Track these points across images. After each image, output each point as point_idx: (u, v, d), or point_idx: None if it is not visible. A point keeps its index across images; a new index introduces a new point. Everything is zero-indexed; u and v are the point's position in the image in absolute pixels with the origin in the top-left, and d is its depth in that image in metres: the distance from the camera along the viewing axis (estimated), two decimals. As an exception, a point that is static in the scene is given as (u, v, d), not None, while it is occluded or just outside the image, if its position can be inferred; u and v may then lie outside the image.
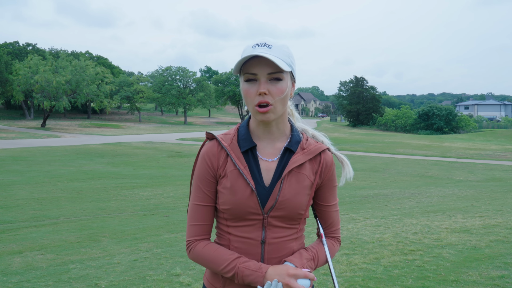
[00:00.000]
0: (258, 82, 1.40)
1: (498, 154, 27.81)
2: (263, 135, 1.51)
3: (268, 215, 1.46)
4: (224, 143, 1.50)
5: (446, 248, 5.59)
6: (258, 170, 1.49)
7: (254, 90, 1.41)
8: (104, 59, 77.53)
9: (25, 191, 11.78)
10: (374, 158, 24.36)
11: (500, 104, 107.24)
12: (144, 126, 56.52)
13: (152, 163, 20.49)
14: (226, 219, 1.50)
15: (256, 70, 1.39)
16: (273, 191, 1.46)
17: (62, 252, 5.90)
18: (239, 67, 1.42)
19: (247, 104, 1.45)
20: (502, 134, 47.45)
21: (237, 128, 1.56)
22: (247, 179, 1.44)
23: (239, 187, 1.45)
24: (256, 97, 1.40)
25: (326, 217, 1.63)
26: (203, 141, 1.57)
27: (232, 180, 1.46)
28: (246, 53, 1.40)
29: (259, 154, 1.51)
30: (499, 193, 11.89)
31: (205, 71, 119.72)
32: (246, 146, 1.49)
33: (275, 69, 1.39)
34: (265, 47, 1.40)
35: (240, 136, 1.52)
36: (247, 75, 1.41)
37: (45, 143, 29.87)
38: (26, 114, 59.20)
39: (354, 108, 75.59)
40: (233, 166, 1.47)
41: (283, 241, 1.50)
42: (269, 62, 1.38)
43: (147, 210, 9.42)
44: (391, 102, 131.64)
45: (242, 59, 1.39)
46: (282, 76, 1.41)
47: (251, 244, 1.48)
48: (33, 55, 48.97)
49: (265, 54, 1.36)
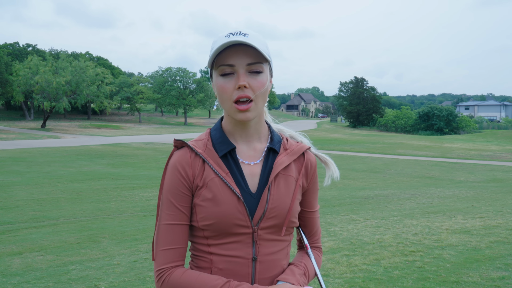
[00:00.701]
0: (235, 75, 1.24)
1: (498, 155, 27.80)
2: (241, 137, 1.35)
3: (258, 227, 1.28)
4: (197, 149, 1.31)
5: (446, 249, 5.58)
6: (242, 175, 1.31)
7: (231, 84, 1.24)
8: (104, 60, 77.57)
9: (25, 192, 11.77)
10: (374, 159, 24.35)
11: (501, 105, 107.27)
12: (144, 127, 56.53)
13: (152, 164, 20.48)
14: (206, 238, 1.30)
15: (233, 60, 1.23)
16: (261, 198, 1.29)
17: (61, 253, 5.89)
18: (213, 59, 1.26)
19: (223, 101, 1.28)
20: (503, 134, 47.42)
21: (208, 133, 1.39)
22: (231, 186, 1.27)
23: (223, 197, 1.26)
24: (234, 92, 1.24)
25: (310, 225, 1.47)
26: (171, 151, 1.35)
27: (214, 190, 1.27)
28: (220, 43, 1.23)
29: (239, 157, 1.34)
30: (500, 194, 11.87)
31: (206, 71, 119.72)
32: (224, 149, 1.31)
33: (255, 59, 1.24)
34: (240, 35, 1.23)
35: (215, 139, 1.34)
36: (223, 67, 1.24)
37: (45, 144, 29.87)
38: (26, 115, 59.22)
39: (354, 108, 75.59)
40: (213, 173, 1.28)
41: (276, 258, 1.33)
42: (248, 51, 1.24)
43: (147, 211, 9.41)
44: (391, 103, 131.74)
45: (218, 49, 1.22)
46: (263, 68, 1.26)
47: (240, 264, 1.28)
48: (33, 56, 48.99)
49: (245, 40, 1.21)
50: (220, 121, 1.41)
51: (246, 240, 1.28)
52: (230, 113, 1.30)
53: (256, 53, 1.25)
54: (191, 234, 1.35)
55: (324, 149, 2.35)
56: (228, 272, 1.28)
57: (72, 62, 49.51)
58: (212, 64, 1.29)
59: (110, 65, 78.50)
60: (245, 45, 1.24)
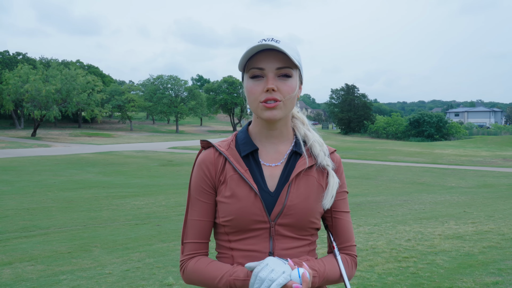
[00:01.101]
0: (265, 78, 1.29)
1: (488, 161, 28.01)
2: (266, 138, 1.39)
3: (276, 222, 1.31)
4: (221, 148, 1.38)
5: (439, 255, 5.59)
6: (261, 175, 1.36)
7: (260, 87, 1.29)
8: (95, 68, 77.36)
9: (15, 201, 11.65)
10: (366, 165, 24.43)
11: (490, 111, 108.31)
12: (135, 135, 56.33)
13: (144, 172, 20.38)
14: (227, 234, 1.35)
15: (263, 64, 1.28)
16: (280, 196, 1.32)
17: (52, 263, 5.82)
18: (244, 62, 1.32)
19: (251, 103, 1.32)
20: (492, 140, 47.88)
21: (235, 135, 1.45)
22: (249, 182, 1.31)
23: (241, 193, 1.31)
24: (262, 94, 1.29)
25: (338, 226, 1.43)
26: (198, 151, 1.44)
27: (232, 186, 1.32)
28: (251, 47, 1.29)
29: (260, 159, 1.38)
30: (491, 199, 11.95)
31: (197, 79, 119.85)
32: (247, 150, 1.37)
33: (284, 63, 1.29)
34: (272, 41, 1.27)
35: (240, 140, 1.41)
36: (253, 70, 1.29)
37: (36, 153, 29.64)
38: (16, 124, 58.80)
39: (345, 115, 75.91)
40: (233, 170, 1.34)
41: (293, 253, 1.33)
42: (278, 56, 1.29)
43: (139, 220, 9.34)
44: (382, 110, 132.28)
45: (249, 51, 1.28)
46: (292, 73, 1.31)
47: (258, 258, 1.30)
48: (24, 64, 48.73)
49: (276, 45, 1.25)
50: (247, 125, 1.47)
51: (263, 235, 1.32)
52: (257, 112, 1.33)
53: (286, 58, 1.30)
54: (215, 232, 1.43)
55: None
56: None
57: (62, 70, 49.30)
58: (244, 67, 1.35)
59: (101, 73, 78.29)
60: (276, 50, 1.29)
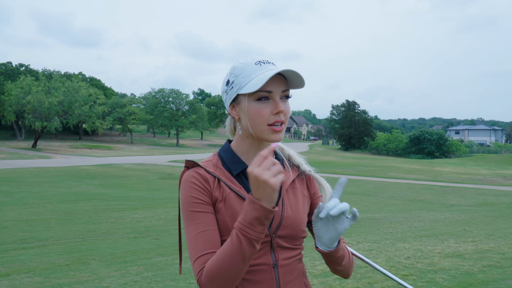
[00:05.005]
0: (271, 100, 1.32)
1: (489, 179, 27.98)
2: (253, 157, 1.40)
3: (276, 235, 1.36)
4: (209, 169, 1.38)
5: (439, 273, 5.57)
6: None
7: (268, 109, 1.32)
8: (97, 81, 77.74)
9: (14, 212, 11.62)
10: (366, 182, 24.39)
11: (490, 129, 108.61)
12: (136, 148, 56.35)
13: (144, 185, 20.36)
14: None
15: (272, 88, 1.31)
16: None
17: (50, 275, 5.79)
18: (259, 87, 1.29)
19: (258, 125, 1.33)
20: (493, 159, 47.88)
21: (216, 155, 1.45)
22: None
23: (241, 209, 1.27)
24: (270, 117, 1.32)
25: None
26: (182, 172, 1.40)
27: (232, 204, 1.33)
28: (257, 70, 1.33)
29: None
30: (491, 217, 11.91)
31: (198, 93, 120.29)
32: (238, 168, 1.40)
33: (286, 86, 1.35)
34: (271, 64, 1.36)
35: (227, 160, 1.42)
36: (261, 93, 1.31)
37: (36, 164, 29.63)
38: (17, 135, 58.88)
39: (346, 131, 76.04)
40: (228, 189, 1.35)
41: (293, 262, 1.40)
42: (282, 78, 1.34)
43: (137, 233, 9.31)
44: (382, 126, 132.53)
45: (262, 79, 1.28)
46: (290, 94, 1.38)
47: (264, 271, 1.34)
48: (26, 75, 48.97)
49: (291, 69, 1.30)
50: (229, 143, 1.48)
51: (265, 248, 1.35)
52: (262, 135, 1.35)
53: (286, 80, 1.36)
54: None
55: (315, 172, 2.38)
56: (255, 280, 1.33)
57: (65, 82, 49.55)
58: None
59: (103, 85, 78.62)
60: (279, 73, 1.34)
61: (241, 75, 1.34)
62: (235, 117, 1.40)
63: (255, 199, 1.16)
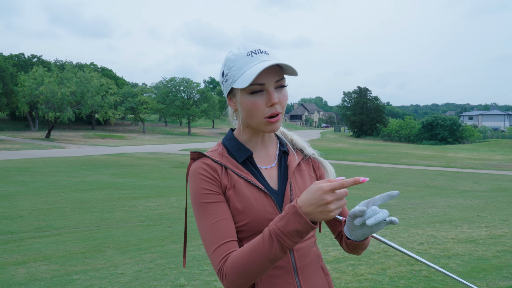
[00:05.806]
0: (265, 92, 1.30)
1: (503, 164, 27.68)
2: (256, 144, 1.42)
3: None
4: (215, 158, 1.36)
5: (452, 259, 5.55)
6: (262, 177, 1.38)
7: (262, 101, 1.30)
8: (108, 71, 78.04)
9: (29, 201, 11.79)
10: (378, 169, 24.29)
11: (505, 114, 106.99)
12: (148, 137, 56.68)
13: (156, 173, 20.50)
14: (242, 240, 1.31)
15: (264, 79, 1.28)
16: (285, 193, 1.36)
17: (66, 262, 5.89)
18: (251, 81, 1.25)
19: (254, 118, 1.32)
20: (507, 144, 47.29)
21: (220, 144, 1.44)
22: (256, 184, 1.32)
23: (251, 195, 1.31)
24: (266, 109, 1.30)
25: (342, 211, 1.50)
26: (188, 164, 1.38)
27: (241, 190, 1.31)
28: (248, 63, 1.29)
29: (256, 163, 1.41)
30: (505, 203, 11.80)
31: (209, 82, 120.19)
32: (243, 156, 1.38)
33: (281, 75, 1.31)
34: (263, 54, 1.30)
35: (232, 148, 1.40)
36: (254, 86, 1.28)
37: (50, 154, 29.98)
38: (31, 125, 59.51)
39: (358, 118, 75.62)
40: (236, 176, 1.33)
41: (307, 245, 1.39)
42: (274, 69, 1.29)
43: (151, 221, 9.40)
44: (394, 113, 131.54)
45: (252, 73, 1.25)
46: (285, 82, 1.33)
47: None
48: (39, 66, 49.35)
49: (278, 62, 1.26)
50: (231, 134, 1.46)
51: None
52: (259, 127, 1.35)
53: (281, 69, 1.31)
54: None
55: (328, 159, 2.34)
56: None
57: (77, 73, 49.86)
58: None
59: (115, 75, 78.95)
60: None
61: (234, 68, 1.31)
62: (233, 108, 1.41)
63: (301, 213, 1.10)
